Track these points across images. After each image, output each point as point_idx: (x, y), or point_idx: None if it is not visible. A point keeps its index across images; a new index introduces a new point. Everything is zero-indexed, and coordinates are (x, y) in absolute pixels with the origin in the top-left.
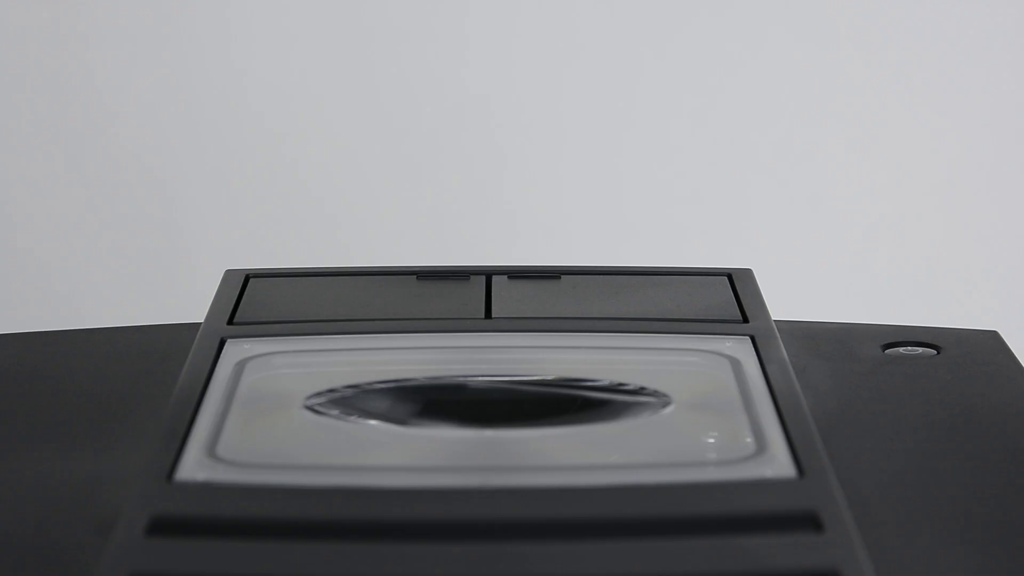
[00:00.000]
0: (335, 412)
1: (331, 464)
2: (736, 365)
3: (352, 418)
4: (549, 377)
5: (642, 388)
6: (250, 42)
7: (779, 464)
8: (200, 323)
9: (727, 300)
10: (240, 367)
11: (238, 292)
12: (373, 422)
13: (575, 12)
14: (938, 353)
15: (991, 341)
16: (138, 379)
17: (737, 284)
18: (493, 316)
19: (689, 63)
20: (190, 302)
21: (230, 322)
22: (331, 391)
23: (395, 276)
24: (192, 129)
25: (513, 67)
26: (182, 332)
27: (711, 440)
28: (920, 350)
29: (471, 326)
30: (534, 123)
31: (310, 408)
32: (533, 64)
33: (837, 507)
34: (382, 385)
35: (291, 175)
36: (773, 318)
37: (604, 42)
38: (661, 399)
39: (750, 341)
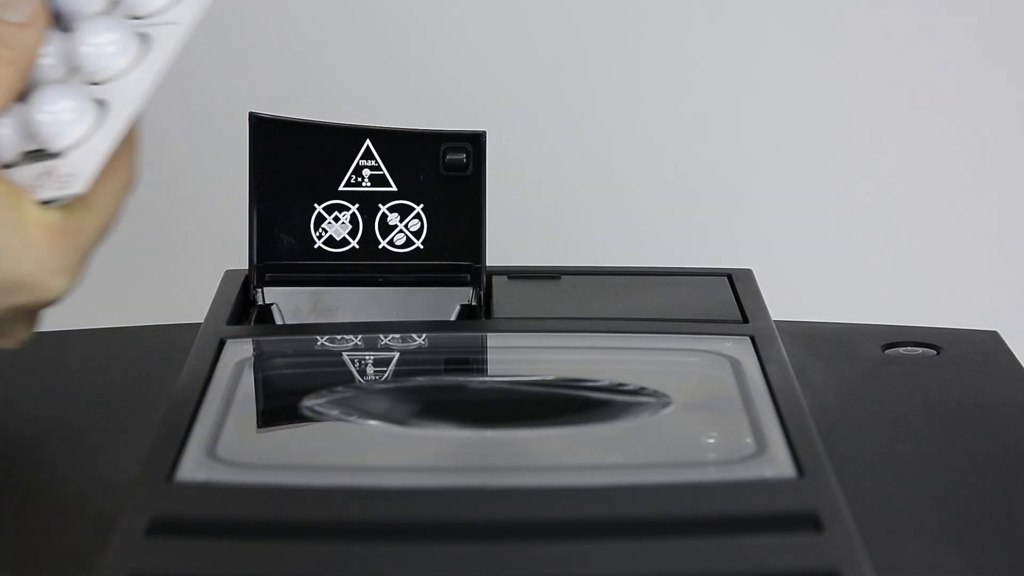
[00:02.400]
0: (335, 412)
1: (331, 464)
2: (736, 365)
3: (352, 419)
4: (549, 377)
5: (642, 388)
6: (255, 45)
7: (779, 464)
8: (200, 323)
9: (727, 300)
10: (240, 367)
11: (238, 292)
12: (373, 422)
13: (575, 11)
14: (938, 353)
15: (991, 341)
16: (138, 379)
17: (737, 284)
18: (493, 316)
19: (689, 62)
20: (190, 302)
21: (230, 322)
22: (331, 392)
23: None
24: (192, 128)
25: (513, 65)
26: (182, 332)
27: (711, 440)
28: (920, 350)
29: (471, 326)
30: (534, 122)
31: (310, 409)
32: (533, 62)
33: (837, 507)
34: (382, 386)
35: None
36: (773, 318)
37: (605, 41)
38: (661, 399)
39: (750, 341)
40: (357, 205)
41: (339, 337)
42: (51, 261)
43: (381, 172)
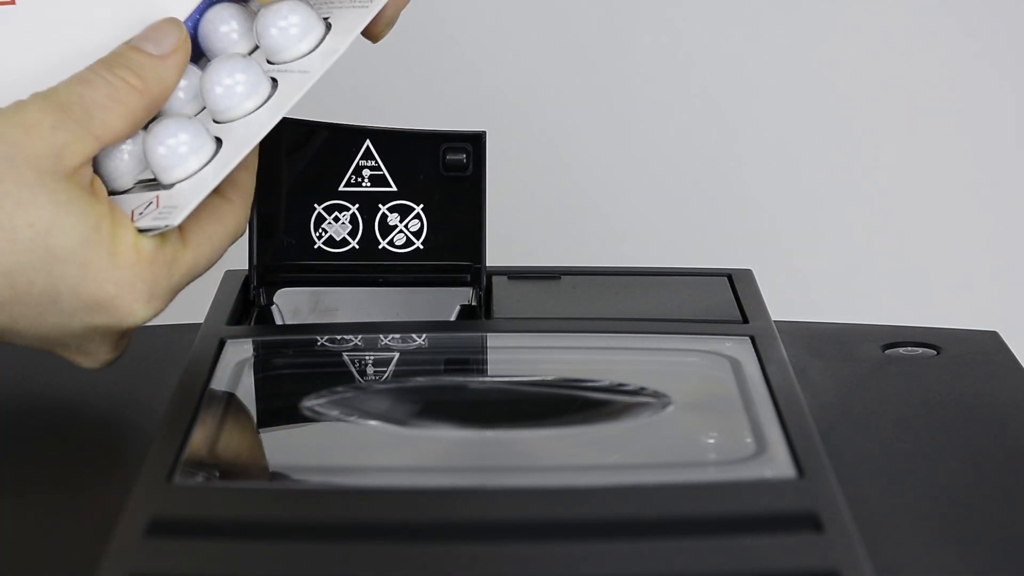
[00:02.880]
0: (335, 413)
1: (331, 465)
2: (736, 365)
3: (352, 419)
4: (549, 377)
5: (642, 388)
6: None
7: (779, 464)
8: (200, 323)
9: (727, 300)
10: (240, 367)
11: (238, 292)
12: (373, 423)
13: (575, 12)
14: (938, 353)
15: (991, 341)
16: (138, 379)
17: (737, 284)
18: (493, 316)
19: (689, 62)
20: (190, 302)
21: (230, 322)
22: (331, 392)
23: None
24: None
25: (513, 65)
26: (182, 332)
27: (711, 440)
28: (920, 350)
29: (471, 326)
30: (534, 122)
31: (310, 409)
32: (533, 62)
33: (837, 507)
34: (382, 386)
35: None
36: (773, 318)
37: (604, 41)
38: (661, 399)
39: (750, 341)
40: (357, 205)
41: (339, 337)
42: (135, 287)
43: (381, 172)
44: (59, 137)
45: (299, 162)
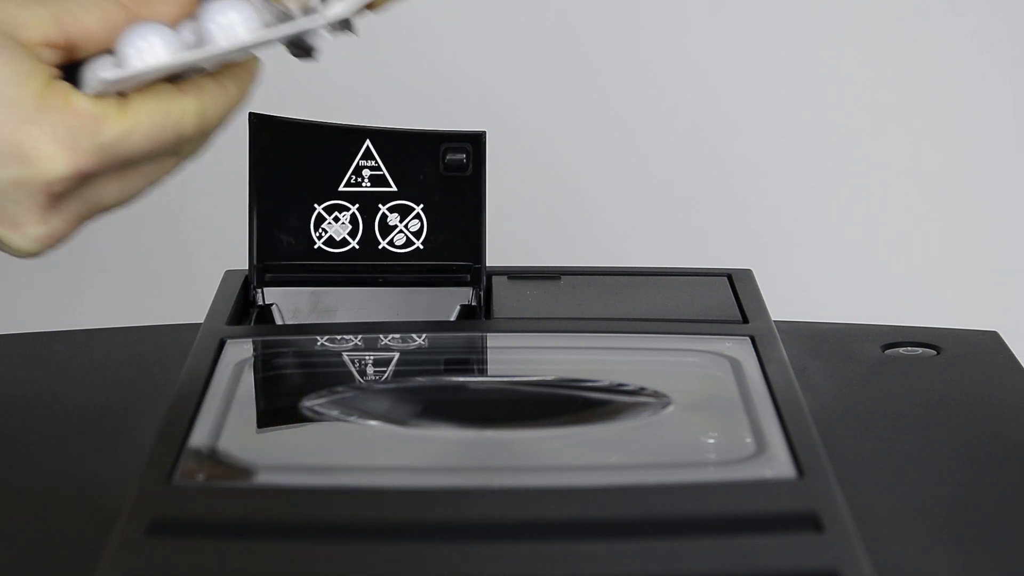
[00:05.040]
0: (335, 413)
1: (331, 465)
2: (736, 365)
3: (352, 419)
4: (549, 377)
5: (642, 388)
6: None
7: (779, 464)
8: (200, 323)
9: (727, 300)
10: (240, 367)
11: (238, 292)
12: (373, 423)
13: (574, 12)
14: (938, 353)
15: (991, 341)
16: (138, 379)
17: (737, 284)
18: (493, 316)
19: (689, 62)
20: (190, 302)
21: (230, 322)
22: (331, 392)
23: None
24: None
25: (513, 65)
26: (182, 332)
27: (711, 440)
28: (920, 350)
29: (471, 326)
30: (533, 122)
31: (310, 409)
32: (533, 62)
33: (837, 507)
34: (382, 386)
35: None
36: (773, 318)
37: (604, 42)
38: (661, 399)
39: (750, 341)
40: (357, 205)
41: (339, 337)
42: (56, 131)
43: (381, 172)
44: (21, 13)
45: (299, 162)
